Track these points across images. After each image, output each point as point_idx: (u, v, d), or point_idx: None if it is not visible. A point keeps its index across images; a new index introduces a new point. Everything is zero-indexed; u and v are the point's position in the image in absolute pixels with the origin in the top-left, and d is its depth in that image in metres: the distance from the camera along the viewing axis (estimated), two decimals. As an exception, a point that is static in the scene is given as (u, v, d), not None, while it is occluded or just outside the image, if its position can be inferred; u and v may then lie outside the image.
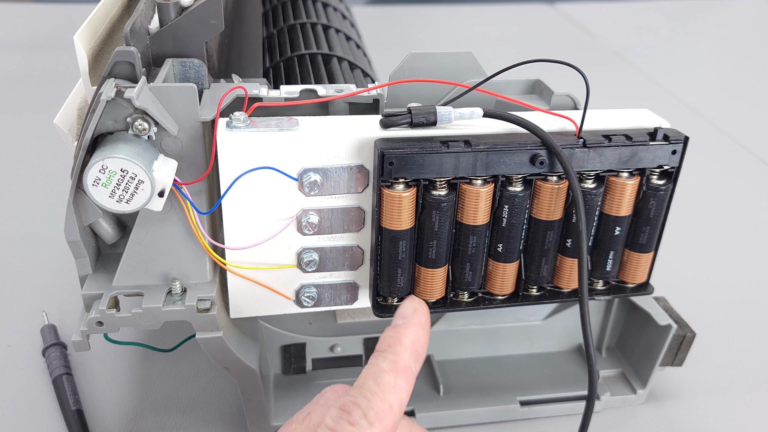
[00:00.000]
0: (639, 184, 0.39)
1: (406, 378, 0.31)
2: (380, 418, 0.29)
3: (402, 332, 0.32)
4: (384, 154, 0.34)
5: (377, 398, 0.29)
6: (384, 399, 0.29)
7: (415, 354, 0.32)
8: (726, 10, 1.50)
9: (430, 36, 1.26)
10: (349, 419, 0.28)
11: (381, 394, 0.29)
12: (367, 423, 0.28)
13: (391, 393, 0.30)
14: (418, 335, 0.33)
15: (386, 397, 0.29)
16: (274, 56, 0.57)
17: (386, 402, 0.29)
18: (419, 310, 0.34)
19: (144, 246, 0.37)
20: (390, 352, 0.31)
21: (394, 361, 0.31)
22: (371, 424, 0.28)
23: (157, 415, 0.46)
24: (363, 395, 0.29)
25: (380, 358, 0.31)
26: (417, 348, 0.32)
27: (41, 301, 0.55)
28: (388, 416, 0.29)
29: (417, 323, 0.33)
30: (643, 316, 0.47)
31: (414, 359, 0.32)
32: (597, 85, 0.41)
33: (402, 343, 0.32)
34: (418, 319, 0.33)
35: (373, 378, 0.30)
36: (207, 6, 0.37)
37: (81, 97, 0.40)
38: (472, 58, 0.41)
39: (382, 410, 0.29)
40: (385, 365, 0.31)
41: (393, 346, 0.32)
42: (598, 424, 0.47)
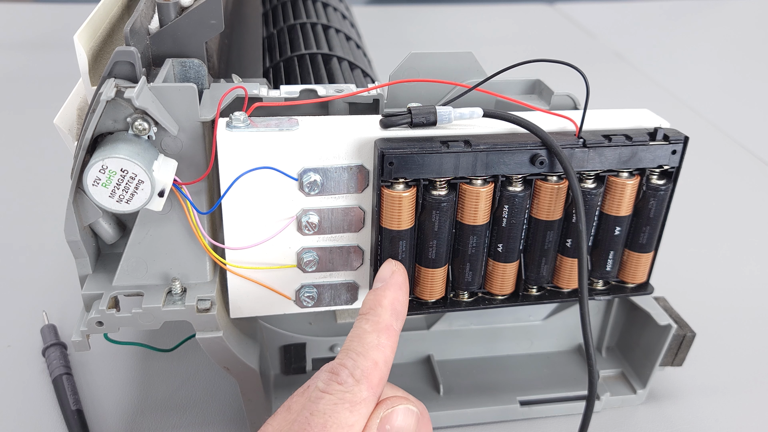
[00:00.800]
0: (639, 184, 0.39)
1: (388, 336, 0.32)
2: (366, 375, 0.31)
3: (381, 294, 0.34)
4: (384, 154, 0.34)
5: (362, 357, 0.31)
6: (368, 357, 0.31)
7: (395, 313, 0.34)
8: (726, 10, 1.50)
9: (430, 36, 1.26)
10: (337, 379, 0.30)
11: (365, 353, 0.31)
12: (354, 381, 0.30)
13: (375, 351, 0.32)
14: (397, 295, 0.34)
15: (370, 355, 0.31)
16: (274, 56, 0.57)
17: (370, 359, 0.31)
18: (396, 271, 0.36)
19: (144, 246, 0.37)
20: (371, 314, 0.33)
21: (375, 321, 0.33)
22: (358, 381, 0.30)
23: (157, 415, 0.46)
24: (348, 356, 0.31)
25: (363, 320, 0.33)
26: (396, 307, 0.34)
27: (41, 301, 0.55)
28: (374, 372, 0.31)
29: (395, 284, 0.35)
30: (643, 316, 0.47)
31: (395, 318, 0.33)
32: (597, 85, 0.41)
33: (382, 304, 0.34)
34: (396, 280, 0.35)
35: (357, 339, 0.32)
36: (207, 6, 0.37)
37: (81, 97, 0.40)
38: (472, 58, 0.41)
39: (367, 368, 0.31)
40: (368, 326, 0.33)
41: (374, 308, 0.33)
42: (598, 424, 0.47)
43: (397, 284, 0.35)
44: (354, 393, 0.30)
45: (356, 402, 0.30)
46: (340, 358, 0.31)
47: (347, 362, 0.31)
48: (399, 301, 0.34)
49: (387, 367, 0.32)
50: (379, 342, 0.32)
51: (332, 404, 0.30)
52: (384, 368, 0.32)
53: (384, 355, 0.32)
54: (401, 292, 0.35)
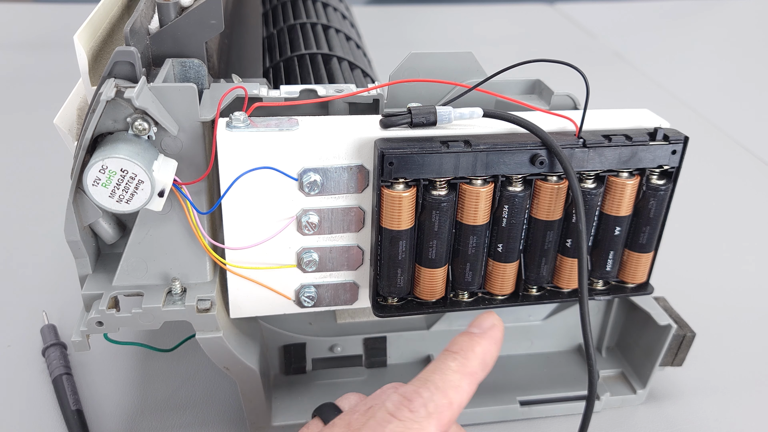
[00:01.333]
0: (639, 184, 0.39)
1: (470, 382, 0.31)
2: (439, 411, 0.29)
3: (477, 341, 0.33)
4: (384, 154, 0.34)
5: (440, 392, 0.30)
6: (446, 394, 0.30)
7: (484, 364, 0.33)
8: (726, 10, 1.50)
9: (430, 36, 1.26)
10: (410, 406, 0.29)
11: (444, 390, 0.30)
12: (426, 413, 0.29)
13: (454, 392, 0.30)
14: (491, 348, 0.33)
15: (449, 393, 0.30)
16: (274, 56, 0.57)
17: (448, 398, 0.30)
18: (497, 326, 0.34)
19: (144, 246, 0.37)
20: (461, 355, 0.32)
21: (463, 363, 0.32)
22: (429, 415, 0.29)
23: (157, 415, 0.46)
24: (427, 387, 0.30)
25: (450, 357, 0.32)
26: (486, 359, 0.33)
27: (41, 301, 0.55)
28: (447, 411, 0.30)
29: (492, 337, 0.34)
30: (643, 316, 0.47)
31: (481, 368, 0.32)
32: (597, 85, 0.41)
33: (474, 350, 0.32)
34: (494, 334, 0.34)
35: (440, 374, 0.31)
36: (207, 6, 0.37)
37: (81, 97, 0.40)
38: (472, 58, 0.41)
39: (442, 404, 0.29)
40: (454, 365, 0.31)
41: (465, 350, 0.32)
42: (598, 424, 0.47)
43: (494, 339, 0.34)
44: (422, 426, 0.29)
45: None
46: (416, 385, 0.30)
47: (424, 392, 0.30)
48: (490, 355, 0.33)
49: (459, 412, 0.31)
50: (461, 384, 0.31)
51: (399, 430, 0.28)
52: (457, 411, 0.30)
53: (461, 398, 0.30)
54: (495, 347, 0.34)
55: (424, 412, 0.29)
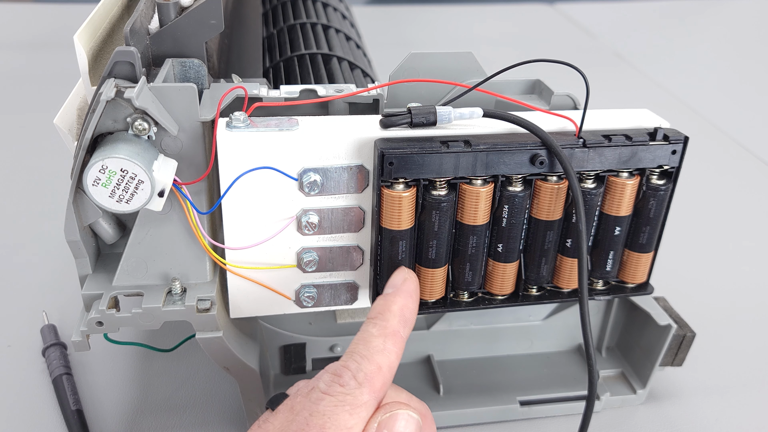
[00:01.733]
0: (639, 184, 0.39)
1: (394, 342, 0.32)
2: (369, 378, 0.31)
3: (391, 300, 0.34)
4: (384, 154, 0.34)
5: (366, 360, 0.31)
6: (372, 361, 0.31)
7: (404, 320, 0.34)
8: (726, 10, 1.50)
9: (430, 36, 1.26)
10: (340, 381, 0.30)
11: (370, 357, 0.31)
12: (357, 384, 0.30)
13: (380, 355, 0.31)
14: (407, 302, 0.34)
15: (375, 359, 0.31)
16: (274, 56, 0.57)
17: (375, 363, 0.31)
18: (408, 279, 0.36)
19: (144, 246, 0.37)
20: (379, 318, 0.33)
21: (383, 326, 0.33)
22: (360, 385, 0.30)
23: (157, 415, 0.46)
24: (352, 359, 0.31)
25: (370, 324, 0.33)
26: (405, 314, 0.34)
27: (41, 301, 0.55)
28: (377, 377, 0.31)
29: (406, 291, 0.35)
30: (643, 316, 0.47)
31: (402, 324, 0.33)
32: (597, 85, 0.41)
33: (391, 309, 0.34)
34: (407, 288, 0.35)
35: (363, 343, 0.32)
36: (207, 6, 0.37)
37: (81, 97, 0.40)
38: (472, 58, 0.41)
39: (370, 371, 0.31)
40: (375, 330, 0.32)
41: (382, 313, 0.33)
42: (598, 424, 0.47)
43: (408, 292, 0.35)
44: (355, 396, 0.30)
45: (357, 405, 0.30)
46: (343, 360, 0.31)
47: (351, 364, 0.31)
48: (408, 309, 0.34)
49: (391, 373, 0.32)
50: (385, 347, 0.32)
51: (332, 406, 0.30)
52: (387, 373, 0.31)
53: (389, 360, 0.32)
54: (411, 300, 0.35)
55: (354, 383, 0.30)
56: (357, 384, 0.30)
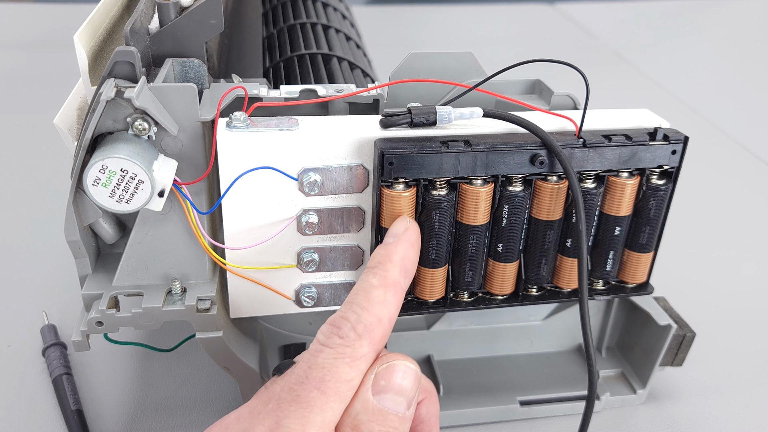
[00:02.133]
0: (639, 184, 0.39)
1: (395, 292, 0.32)
2: (368, 330, 0.30)
3: (392, 249, 0.33)
4: (384, 154, 0.34)
5: (366, 312, 0.30)
6: (372, 312, 0.30)
7: (404, 270, 0.33)
8: (726, 10, 1.50)
9: (430, 36, 1.26)
10: (339, 333, 0.30)
11: (370, 308, 0.31)
12: (356, 335, 0.30)
13: (380, 306, 0.31)
14: (408, 252, 0.34)
15: (374, 310, 0.31)
16: (274, 56, 0.57)
17: (374, 315, 0.30)
18: (410, 228, 0.35)
19: (144, 246, 0.37)
20: (380, 268, 0.32)
21: (383, 276, 0.32)
22: (360, 336, 0.30)
23: (157, 415, 0.46)
24: (352, 309, 0.30)
25: (370, 274, 0.32)
26: (406, 264, 0.33)
27: (41, 301, 0.55)
28: (377, 328, 0.30)
29: (407, 241, 0.34)
30: (643, 316, 0.47)
31: (403, 275, 0.33)
32: (597, 85, 0.41)
33: (392, 259, 0.33)
34: (408, 237, 0.34)
35: (363, 293, 0.31)
36: (207, 6, 0.37)
37: (81, 97, 0.40)
38: (472, 58, 0.41)
39: (370, 323, 0.30)
40: (375, 281, 0.32)
41: (383, 263, 0.33)
42: (598, 424, 0.47)
43: (409, 241, 0.34)
44: (354, 348, 0.29)
45: (356, 357, 0.29)
46: (342, 310, 0.31)
47: (350, 315, 0.30)
48: (409, 259, 0.34)
49: (390, 325, 0.31)
50: (385, 298, 0.31)
51: (332, 358, 0.29)
52: (387, 325, 0.31)
53: (389, 311, 0.31)
54: (412, 249, 0.34)
55: (353, 334, 0.30)
56: (356, 335, 0.30)
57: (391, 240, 0.34)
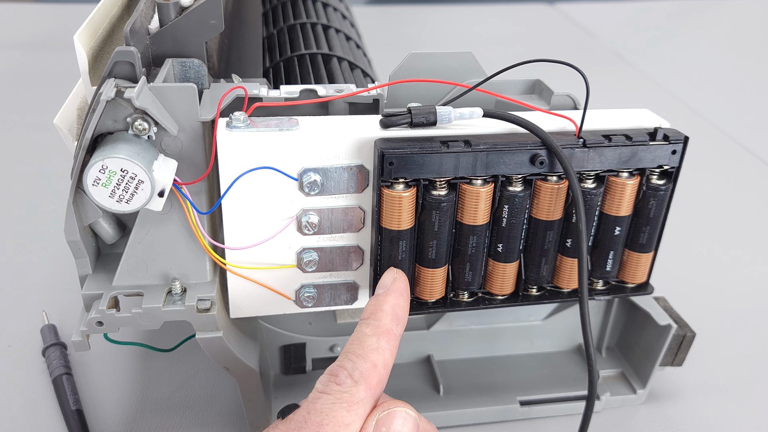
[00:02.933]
0: (639, 184, 0.39)
1: (388, 339, 0.33)
2: (365, 376, 0.31)
3: (383, 299, 0.35)
4: (384, 154, 0.34)
5: (361, 359, 0.32)
6: (367, 359, 0.32)
7: (396, 318, 0.34)
8: (726, 10, 1.50)
9: (430, 36, 1.26)
10: (336, 380, 0.31)
11: (365, 356, 0.32)
12: (353, 381, 0.31)
13: (374, 353, 0.32)
14: (398, 301, 0.35)
15: (369, 357, 0.32)
16: (274, 56, 0.57)
17: (370, 361, 0.32)
18: (398, 278, 0.36)
19: (144, 246, 0.37)
20: (372, 318, 0.34)
21: (376, 326, 0.33)
22: (356, 383, 0.31)
23: (157, 415, 0.46)
24: (348, 358, 0.32)
25: (363, 325, 0.33)
26: (397, 312, 0.34)
27: (41, 301, 0.55)
28: (373, 374, 0.31)
29: (396, 290, 0.35)
30: (643, 316, 0.47)
31: (395, 323, 0.34)
32: (597, 86, 0.41)
33: (383, 309, 0.34)
34: (397, 287, 0.36)
35: (357, 342, 0.33)
36: (207, 6, 0.37)
37: (81, 97, 0.40)
38: (472, 58, 0.41)
39: (366, 369, 0.31)
40: (368, 330, 0.33)
41: (374, 312, 0.34)
42: (598, 424, 0.47)
43: (398, 291, 0.35)
44: (352, 393, 0.30)
45: (354, 402, 0.30)
46: (339, 360, 0.32)
47: (346, 364, 0.31)
48: (400, 307, 0.35)
49: (386, 371, 0.32)
50: (379, 345, 0.32)
51: (330, 403, 0.30)
52: (383, 371, 0.32)
53: (383, 358, 0.32)
54: (402, 298, 0.35)
55: (350, 381, 0.31)
56: (353, 382, 0.31)
57: (381, 291, 0.36)
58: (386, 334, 0.33)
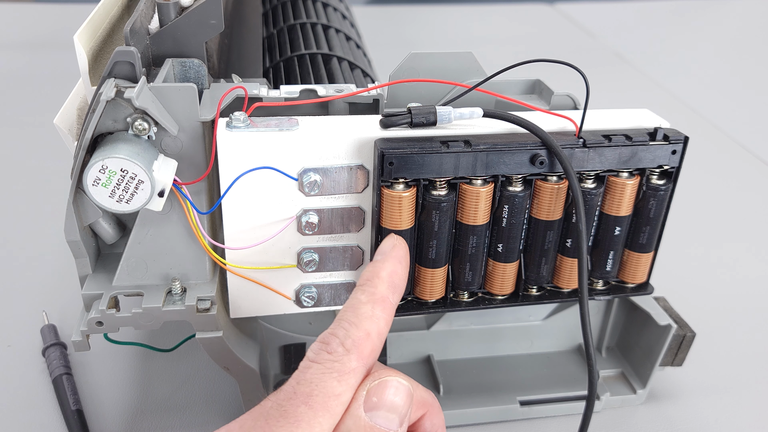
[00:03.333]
0: (639, 184, 0.39)
1: (383, 308, 0.32)
2: (357, 345, 0.30)
3: (380, 266, 0.33)
4: (384, 154, 0.34)
5: (354, 327, 0.30)
6: (361, 327, 0.30)
7: (393, 286, 0.33)
8: (726, 10, 1.50)
9: (430, 36, 1.26)
10: (327, 348, 0.30)
11: (358, 324, 0.30)
12: (345, 350, 0.30)
13: (368, 322, 0.31)
14: (396, 268, 0.34)
15: (363, 325, 0.30)
16: (274, 56, 0.57)
17: (363, 330, 0.30)
18: (397, 245, 0.35)
19: (144, 246, 0.37)
20: (368, 285, 0.32)
21: (371, 293, 0.32)
22: (348, 351, 0.30)
23: (157, 415, 0.46)
24: (340, 326, 0.30)
25: (359, 291, 0.32)
26: (394, 280, 0.33)
27: (41, 301, 0.55)
28: (366, 343, 0.30)
29: (395, 257, 0.34)
30: (643, 316, 0.47)
31: (392, 290, 0.33)
32: (597, 86, 0.41)
33: (380, 276, 0.33)
34: (396, 254, 0.34)
35: (351, 310, 0.31)
36: (207, 6, 0.37)
37: (81, 97, 0.40)
38: (472, 58, 0.41)
39: (359, 338, 0.30)
40: (363, 297, 0.32)
41: (371, 279, 0.33)
42: (598, 424, 0.47)
43: (397, 258, 0.34)
44: (343, 362, 0.29)
45: (345, 372, 0.29)
46: (332, 328, 0.31)
47: (338, 332, 0.30)
48: (398, 275, 0.34)
49: (380, 340, 0.31)
50: (374, 313, 0.31)
51: (320, 373, 0.29)
52: (377, 340, 0.31)
53: (377, 326, 0.31)
54: (401, 265, 0.34)
55: (342, 349, 0.30)
56: (345, 350, 0.30)
57: (380, 257, 0.34)
58: (382, 301, 0.32)
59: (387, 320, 0.32)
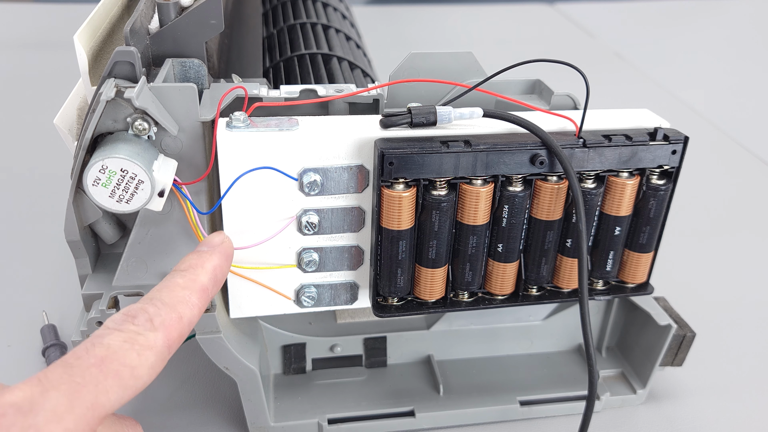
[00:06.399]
0: (639, 184, 0.39)
1: (201, 297, 0.31)
2: (167, 324, 0.28)
3: (207, 257, 0.32)
4: (384, 154, 0.34)
5: (168, 307, 0.29)
6: (175, 309, 0.29)
7: (215, 279, 0.32)
8: (726, 10, 1.50)
9: (430, 36, 1.26)
10: (133, 321, 0.28)
11: (172, 305, 0.29)
12: (152, 326, 0.28)
13: (183, 306, 0.29)
14: (222, 263, 0.33)
15: (177, 308, 0.29)
16: (274, 56, 0.57)
17: (176, 312, 0.29)
18: (226, 242, 0.34)
19: (144, 246, 0.37)
20: (190, 272, 0.31)
21: (192, 279, 0.31)
22: (155, 328, 0.28)
23: (157, 415, 0.46)
24: (152, 303, 0.29)
25: (178, 275, 0.31)
26: (218, 274, 0.32)
27: (41, 301, 0.55)
28: (176, 325, 0.29)
29: (222, 252, 0.33)
30: (643, 316, 0.47)
31: (213, 283, 0.32)
32: (597, 86, 0.41)
33: (204, 266, 0.32)
34: (223, 250, 0.33)
35: (167, 290, 0.30)
36: (207, 6, 0.37)
37: (81, 97, 0.40)
38: (472, 58, 0.41)
39: (171, 318, 0.29)
40: (182, 281, 0.31)
41: (194, 267, 0.32)
42: (598, 424, 0.47)
43: (225, 253, 0.33)
44: (147, 337, 0.27)
45: (147, 346, 0.27)
46: (141, 302, 0.29)
47: (149, 308, 0.28)
48: (222, 270, 0.33)
49: (189, 328, 0.29)
50: (190, 299, 0.30)
51: (120, 341, 0.27)
52: (186, 328, 0.29)
53: (191, 313, 0.29)
54: (226, 262, 0.33)
55: (149, 325, 0.28)
56: (152, 327, 0.28)
57: (206, 249, 0.33)
58: (201, 291, 0.31)
59: (200, 310, 0.30)
